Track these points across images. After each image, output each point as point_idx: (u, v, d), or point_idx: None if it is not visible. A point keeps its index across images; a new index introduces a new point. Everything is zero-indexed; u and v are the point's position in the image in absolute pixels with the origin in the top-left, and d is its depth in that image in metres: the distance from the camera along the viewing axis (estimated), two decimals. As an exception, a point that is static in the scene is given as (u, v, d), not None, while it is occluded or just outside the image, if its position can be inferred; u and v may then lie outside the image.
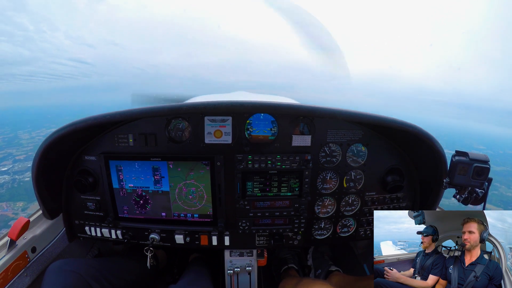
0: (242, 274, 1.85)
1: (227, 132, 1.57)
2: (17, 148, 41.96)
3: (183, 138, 1.59)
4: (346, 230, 1.83)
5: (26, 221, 1.50)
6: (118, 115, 1.38)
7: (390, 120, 1.46)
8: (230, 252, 1.81)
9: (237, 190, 1.62)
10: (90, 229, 1.74)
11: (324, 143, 1.64)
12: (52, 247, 1.69)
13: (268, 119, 1.58)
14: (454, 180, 1.30)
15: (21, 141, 49.53)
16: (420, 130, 1.46)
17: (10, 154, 38.80)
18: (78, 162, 1.64)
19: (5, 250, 1.43)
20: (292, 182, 1.62)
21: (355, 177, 1.71)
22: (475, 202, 1.34)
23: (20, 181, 27.34)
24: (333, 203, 1.75)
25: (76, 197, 1.71)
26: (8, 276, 1.39)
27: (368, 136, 1.66)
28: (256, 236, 1.76)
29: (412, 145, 1.65)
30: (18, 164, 33.12)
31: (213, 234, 1.72)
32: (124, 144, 1.59)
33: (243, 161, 1.57)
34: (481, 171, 1.24)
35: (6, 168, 31.69)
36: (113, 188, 1.62)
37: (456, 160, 1.27)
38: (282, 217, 1.69)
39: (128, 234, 1.72)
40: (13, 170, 30.83)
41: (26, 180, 26.58)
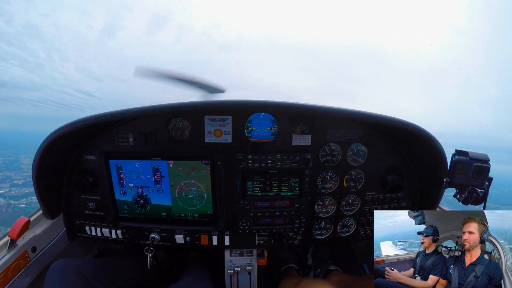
0: (242, 274, 1.85)
1: (227, 131, 1.57)
2: (17, 172, 41.36)
3: (183, 137, 1.59)
4: (347, 230, 1.83)
5: (26, 220, 1.50)
6: (118, 114, 1.38)
7: (391, 119, 1.45)
8: (230, 251, 1.81)
9: (237, 190, 1.62)
10: (90, 229, 1.74)
11: (324, 142, 1.63)
12: (52, 246, 1.69)
13: (268, 118, 1.57)
14: (454, 180, 1.30)
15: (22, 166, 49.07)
16: (420, 130, 1.46)
17: (8, 177, 38.29)
18: (78, 162, 1.64)
19: (5, 249, 1.43)
20: (292, 182, 1.62)
21: (355, 177, 1.71)
22: (475, 201, 1.34)
23: (15, 207, 26.55)
24: (333, 202, 1.75)
25: (76, 197, 1.71)
26: (9, 276, 1.39)
27: (368, 135, 1.65)
28: (256, 236, 1.76)
29: (412, 145, 1.64)
30: (16, 189, 32.49)
31: (213, 234, 1.72)
32: (124, 144, 1.59)
33: (243, 161, 1.56)
34: (481, 170, 1.24)
35: (3, 191, 31.14)
36: (113, 188, 1.62)
37: (456, 160, 1.26)
38: (282, 217, 1.69)
39: (129, 233, 1.72)
40: (10, 194, 30.27)
41: (22, 207, 25.87)
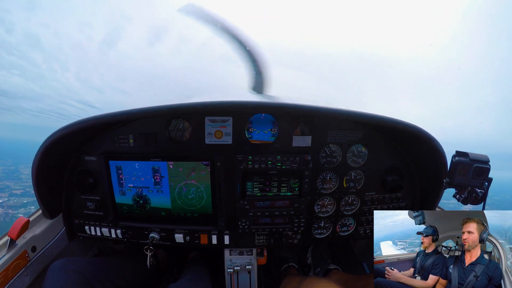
0: (242, 273, 1.85)
1: (228, 133, 1.57)
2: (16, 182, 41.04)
3: (184, 138, 1.59)
4: (346, 229, 1.83)
5: (26, 220, 1.50)
6: (118, 115, 1.38)
7: (391, 120, 1.46)
8: (230, 251, 1.81)
9: (237, 190, 1.62)
10: (90, 229, 1.74)
11: (325, 143, 1.64)
12: (52, 246, 1.69)
13: (268, 119, 1.58)
14: (454, 180, 1.31)
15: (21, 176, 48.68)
16: (420, 130, 1.46)
17: (7, 187, 37.97)
18: (78, 162, 1.64)
19: (5, 249, 1.43)
20: (292, 182, 1.62)
21: (355, 177, 1.71)
22: (475, 202, 1.35)
23: (13, 216, 26.23)
24: (332, 202, 1.75)
25: (76, 197, 1.71)
26: (9, 275, 1.39)
27: (368, 136, 1.66)
28: (256, 235, 1.76)
29: (412, 145, 1.65)
30: (14, 198, 32.25)
31: (213, 233, 1.72)
32: (124, 144, 1.59)
33: (243, 162, 1.56)
34: (481, 171, 1.25)
35: (1, 200, 30.89)
36: (113, 188, 1.62)
37: (456, 161, 1.27)
38: (282, 217, 1.70)
39: (128, 233, 1.72)
40: (8, 203, 29.96)
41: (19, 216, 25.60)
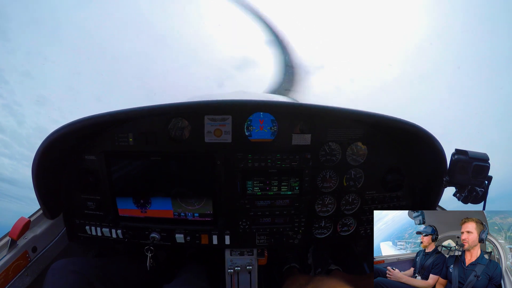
0: (242, 273, 1.85)
1: (227, 131, 1.57)
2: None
3: (183, 137, 1.59)
4: (347, 229, 1.83)
5: (26, 221, 1.50)
6: (118, 114, 1.38)
7: (391, 118, 1.45)
8: (230, 251, 1.81)
9: (237, 189, 1.62)
10: (90, 229, 1.74)
11: (324, 141, 1.63)
12: (52, 246, 1.69)
13: (268, 118, 1.57)
14: (454, 179, 1.31)
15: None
16: (420, 129, 1.46)
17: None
18: (78, 162, 1.64)
19: (6, 249, 1.42)
20: (292, 181, 1.62)
21: (355, 176, 1.71)
22: (475, 200, 1.34)
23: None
24: (333, 202, 1.75)
25: (77, 197, 1.70)
26: (9, 276, 1.39)
27: (368, 135, 1.65)
28: (256, 235, 1.76)
29: (412, 144, 1.64)
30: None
31: (213, 233, 1.72)
32: (124, 143, 1.59)
33: (243, 160, 1.56)
34: (481, 169, 1.25)
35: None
36: (113, 188, 1.62)
37: (456, 159, 1.27)
38: (282, 216, 1.69)
39: (129, 233, 1.72)
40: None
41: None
